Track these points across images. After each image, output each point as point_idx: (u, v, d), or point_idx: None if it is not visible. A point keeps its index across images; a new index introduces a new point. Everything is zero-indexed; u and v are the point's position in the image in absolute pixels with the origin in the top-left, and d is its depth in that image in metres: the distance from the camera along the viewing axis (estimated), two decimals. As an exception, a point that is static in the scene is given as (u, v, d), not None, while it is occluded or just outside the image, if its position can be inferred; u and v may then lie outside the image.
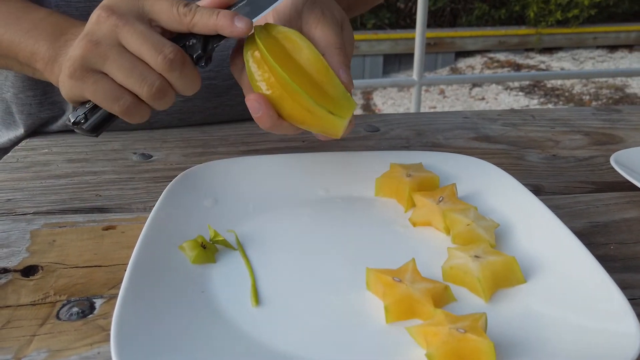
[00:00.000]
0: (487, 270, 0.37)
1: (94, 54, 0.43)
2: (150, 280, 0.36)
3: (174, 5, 0.43)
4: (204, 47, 0.44)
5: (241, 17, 0.43)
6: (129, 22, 0.43)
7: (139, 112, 0.45)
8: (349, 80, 0.44)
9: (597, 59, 5.17)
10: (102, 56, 0.43)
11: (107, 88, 0.43)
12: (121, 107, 0.44)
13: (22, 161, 0.59)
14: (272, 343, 0.33)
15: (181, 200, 0.46)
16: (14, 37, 0.52)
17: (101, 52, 0.43)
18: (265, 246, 0.42)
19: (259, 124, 0.44)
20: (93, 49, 0.43)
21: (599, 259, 0.37)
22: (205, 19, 0.43)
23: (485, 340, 0.30)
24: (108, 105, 0.44)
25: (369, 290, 0.37)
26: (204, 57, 0.45)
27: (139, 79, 0.43)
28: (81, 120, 0.45)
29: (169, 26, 0.44)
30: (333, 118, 0.42)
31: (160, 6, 0.43)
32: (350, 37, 0.49)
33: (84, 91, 0.44)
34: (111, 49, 0.43)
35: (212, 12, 0.43)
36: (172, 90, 0.44)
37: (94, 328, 0.35)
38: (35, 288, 0.39)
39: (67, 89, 0.45)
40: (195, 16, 0.43)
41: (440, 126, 0.69)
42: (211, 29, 0.43)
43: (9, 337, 0.34)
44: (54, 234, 0.45)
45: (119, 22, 0.42)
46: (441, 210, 0.44)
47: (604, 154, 0.62)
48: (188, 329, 0.33)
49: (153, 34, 0.43)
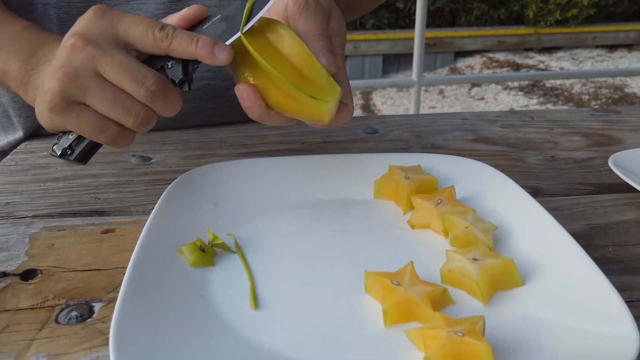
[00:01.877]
0: (486, 273, 0.37)
1: (73, 86, 0.41)
2: (149, 284, 0.36)
3: (149, 30, 0.42)
4: (184, 70, 0.43)
5: (221, 45, 0.42)
6: (106, 51, 0.41)
7: (125, 139, 0.44)
8: (331, 62, 0.43)
9: (596, 58, 5.17)
10: (82, 88, 0.41)
11: (91, 120, 0.42)
12: (107, 137, 0.43)
13: (21, 164, 0.59)
14: (271, 346, 0.33)
15: (180, 203, 0.46)
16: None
17: (80, 85, 0.41)
18: (264, 249, 0.42)
19: (248, 113, 0.44)
20: (71, 82, 0.41)
21: (597, 261, 0.37)
22: (183, 46, 0.41)
23: (484, 343, 0.30)
24: (94, 137, 0.43)
25: (367, 293, 0.37)
26: (186, 82, 0.43)
27: (123, 111, 0.42)
28: (67, 152, 0.44)
29: (146, 50, 0.43)
30: (316, 103, 0.42)
31: (135, 31, 0.42)
32: (338, 26, 0.48)
33: (67, 124, 0.43)
34: (90, 81, 0.41)
35: (190, 39, 0.41)
36: (155, 116, 0.44)
37: (93, 332, 0.35)
38: (34, 292, 0.39)
39: (48, 121, 0.44)
40: (173, 42, 0.41)
41: (439, 128, 0.70)
42: (190, 57, 0.42)
43: (8, 342, 0.34)
44: (53, 238, 0.45)
45: (96, 52, 0.41)
46: (440, 212, 0.44)
47: (602, 156, 0.62)
48: (187, 333, 0.33)
49: (132, 64, 0.41)
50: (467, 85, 4.47)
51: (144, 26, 0.42)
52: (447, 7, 5.42)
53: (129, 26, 0.42)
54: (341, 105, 0.45)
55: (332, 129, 0.68)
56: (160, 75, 0.42)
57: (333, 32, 0.47)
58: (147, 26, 0.42)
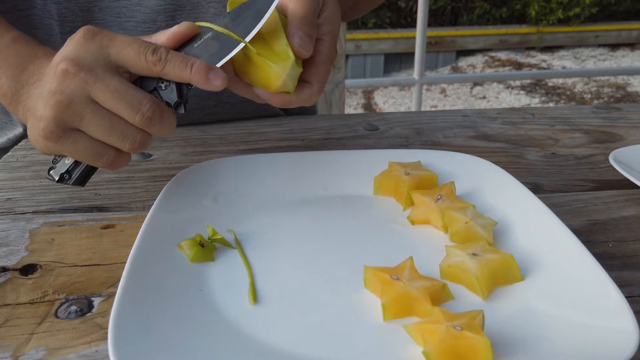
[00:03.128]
0: (485, 268, 0.37)
1: (68, 114, 0.40)
2: (149, 279, 0.36)
3: (141, 53, 0.41)
4: (179, 92, 0.42)
5: (216, 71, 0.41)
6: (99, 77, 0.40)
7: (122, 161, 0.44)
8: (303, 45, 0.43)
9: (598, 57, 5.16)
10: (76, 115, 0.40)
11: (88, 147, 0.42)
12: (105, 162, 0.43)
13: (21, 160, 0.59)
14: (270, 341, 0.33)
15: (180, 199, 0.46)
16: None
17: (75, 112, 0.40)
18: (264, 244, 0.42)
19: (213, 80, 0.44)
20: (65, 109, 0.40)
21: (598, 257, 0.37)
22: (177, 71, 0.41)
23: (483, 338, 0.30)
24: (91, 162, 0.43)
25: (366, 288, 0.37)
26: (182, 104, 0.42)
27: (120, 136, 0.41)
28: (65, 176, 0.44)
29: (138, 73, 0.42)
30: (264, 63, 0.42)
31: (126, 54, 0.41)
32: (331, 15, 0.47)
33: (63, 151, 0.43)
34: (85, 108, 0.40)
35: (184, 63, 0.41)
36: (151, 137, 0.43)
37: (92, 326, 0.35)
38: (34, 287, 0.39)
39: (43, 147, 0.43)
40: (167, 66, 0.41)
41: (439, 125, 0.69)
42: (184, 81, 0.41)
43: (8, 336, 0.34)
44: (53, 233, 0.45)
45: (89, 78, 0.40)
46: (439, 208, 0.44)
47: (603, 152, 0.61)
48: (186, 327, 0.33)
49: (127, 90, 0.40)
50: (469, 84, 4.47)
51: (135, 49, 0.41)
52: (449, 6, 5.42)
53: (121, 49, 0.41)
54: (304, 83, 0.45)
55: (331, 127, 0.68)
56: (156, 99, 0.41)
57: (324, 21, 0.46)
58: (138, 49, 0.41)
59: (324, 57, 0.46)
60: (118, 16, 0.63)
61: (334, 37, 0.47)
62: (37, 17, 0.62)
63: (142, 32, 0.64)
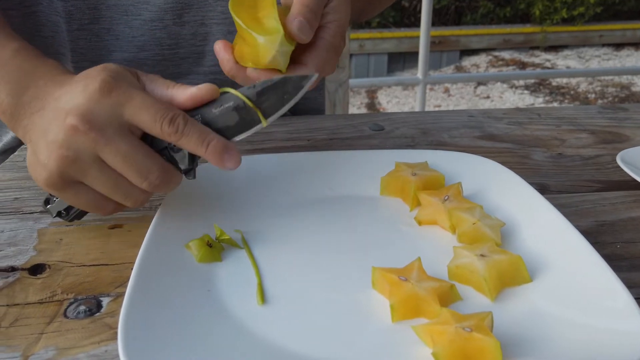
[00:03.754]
0: (493, 269, 0.37)
1: (72, 169, 0.40)
2: (157, 279, 0.36)
3: (158, 121, 0.39)
4: (190, 159, 0.41)
5: (232, 154, 0.40)
6: (110, 139, 0.39)
7: (121, 210, 0.44)
8: (302, 29, 0.42)
9: (602, 57, 5.14)
10: (81, 171, 0.40)
11: (90, 199, 0.42)
12: (105, 212, 0.43)
13: (28, 160, 0.59)
14: (278, 341, 0.33)
15: (187, 199, 0.46)
16: None
17: (80, 168, 0.40)
18: (271, 245, 0.42)
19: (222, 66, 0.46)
20: (71, 165, 0.39)
21: (606, 258, 0.37)
22: (192, 146, 0.40)
23: (492, 339, 0.30)
24: (91, 211, 0.43)
25: (374, 289, 0.37)
26: (192, 170, 0.42)
27: (123, 195, 0.41)
28: (62, 213, 0.44)
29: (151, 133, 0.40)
30: (253, 38, 0.42)
31: (142, 118, 0.39)
32: (339, 5, 0.47)
33: (64, 199, 0.43)
34: (91, 166, 0.39)
35: (201, 140, 0.40)
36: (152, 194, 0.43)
37: (101, 326, 0.35)
38: (43, 286, 0.39)
39: (42, 186, 0.42)
40: (182, 139, 0.39)
41: (445, 125, 0.69)
42: (198, 154, 0.41)
43: (17, 335, 0.34)
44: (60, 233, 0.45)
45: (100, 139, 0.38)
46: (447, 209, 0.44)
47: (610, 153, 0.61)
48: (194, 327, 0.33)
49: (136, 155, 0.39)
50: (473, 84, 4.46)
51: (151, 115, 0.39)
52: (453, 6, 5.41)
53: (136, 111, 0.39)
54: (299, 65, 0.44)
55: (337, 127, 0.68)
56: (165, 165, 0.40)
57: (330, 10, 0.46)
58: (155, 116, 0.39)
59: (325, 43, 0.45)
60: (125, 14, 0.63)
61: (340, 26, 0.46)
62: (43, 14, 0.62)
63: (149, 30, 0.64)
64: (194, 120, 0.40)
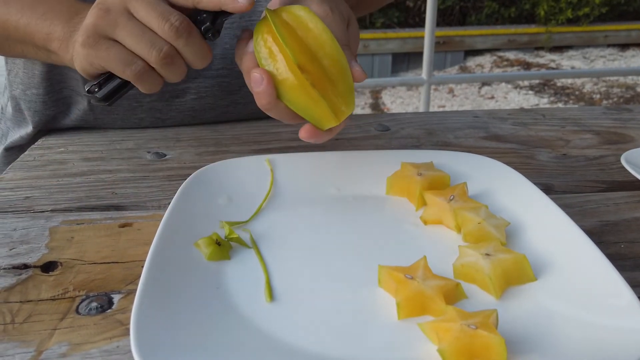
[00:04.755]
0: (498, 268, 0.37)
1: (105, 21, 0.45)
2: (167, 276, 0.37)
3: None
4: (212, 21, 0.46)
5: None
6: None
7: (151, 79, 0.47)
8: (362, 71, 0.45)
9: (607, 57, 5.13)
10: (112, 23, 0.45)
11: (118, 53, 0.45)
12: (133, 71, 0.46)
13: (38, 160, 0.60)
14: (286, 338, 0.34)
15: (196, 198, 0.47)
16: (29, 21, 0.54)
17: (111, 20, 0.45)
18: (279, 243, 0.43)
19: (257, 99, 0.44)
20: (104, 16, 0.45)
21: (610, 258, 0.37)
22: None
23: (497, 336, 0.31)
24: (120, 70, 0.46)
25: (380, 287, 0.38)
26: (211, 30, 0.46)
27: (148, 44, 0.45)
28: (95, 89, 0.47)
29: (176, 2, 0.46)
30: (328, 113, 0.44)
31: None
32: (355, 33, 0.50)
33: (97, 58, 0.46)
34: (121, 16, 0.45)
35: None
36: (180, 59, 0.46)
37: (113, 322, 0.36)
38: (55, 283, 0.40)
39: (81, 58, 0.47)
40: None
41: (450, 125, 0.70)
42: (215, 5, 0.45)
43: (31, 331, 0.35)
44: (72, 231, 0.46)
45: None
46: (452, 208, 0.44)
47: (614, 153, 0.62)
48: (204, 323, 0.34)
49: (160, 3, 0.45)
50: (477, 84, 4.45)
51: None
52: (457, 6, 5.40)
53: None
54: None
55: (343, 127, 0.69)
56: (186, 17, 0.45)
57: (351, 38, 0.47)
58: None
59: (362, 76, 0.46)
60: None
61: (355, 52, 0.49)
62: None
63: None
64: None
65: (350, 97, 0.44)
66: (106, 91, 0.47)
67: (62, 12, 0.53)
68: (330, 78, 0.43)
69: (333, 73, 0.43)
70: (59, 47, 0.52)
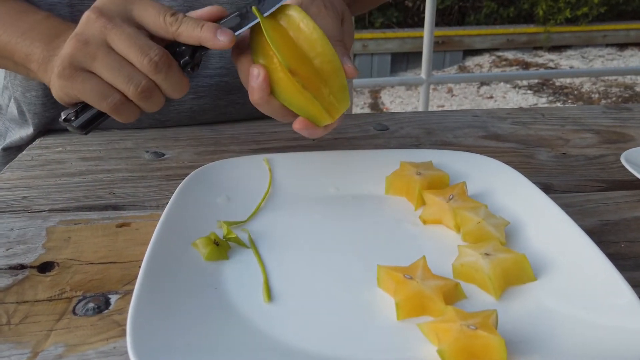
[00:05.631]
0: (498, 268, 0.37)
1: (83, 53, 0.44)
2: (165, 277, 0.37)
3: (161, 14, 0.44)
4: (191, 54, 0.46)
5: (224, 30, 0.44)
6: (117, 24, 0.44)
7: (128, 111, 0.46)
8: (353, 68, 0.45)
9: (606, 57, 5.13)
10: (90, 55, 0.44)
11: (95, 86, 0.45)
12: (109, 104, 0.45)
13: (36, 159, 0.60)
14: (284, 338, 0.33)
15: (194, 198, 0.46)
16: (10, 38, 0.54)
17: (89, 52, 0.44)
18: (277, 243, 0.43)
19: (251, 93, 0.45)
20: (82, 48, 0.44)
21: (610, 257, 0.37)
22: (189, 30, 0.44)
23: (497, 336, 0.30)
24: (96, 103, 0.45)
25: (380, 287, 0.38)
26: (190, 64, 0.46)
27: (126, 78, 0.44)
28: (71, 117, 0.47)
29: (155, 33, 0.45)
30: (321, 111, 0.44)
31: (148, 12, 0.45)
32: (350, 29, 0.49)
33: (73, 90, 0.45)
34: (99, 49, 0.44)
35: (196, 24, 0.44)
36: (159, 92, 0.46)
37: (110, 323, 0.36)
38: (52, 284, 0.39)
39: (57, 88, 0.46)
40: (181, 26, 0.44)
41: (449, 125, 0.70)
42: (195, 40, 0.44)
43: (27, 332, 0.35)
44: (69, 231, 0.46)
45: (108, 24, 0.44)
46: (451, 208, 0.44)
47: (614, 153, 0.61)
48: (201, 324, 0.34)
49: (140, 37, 0.44)
50: (476, 84, 4.45)
51: (157, 9, 0.45)
52: (456, 6, 5.40)
53: (143, 8, 0.45)
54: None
55: (341, 126, 0.68)
56: (166, 50, 0.44)
57: (345, 34, 0.47)
58: (160, 10, 0.45)
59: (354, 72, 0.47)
60: None
61: (349, 47, 0.49)
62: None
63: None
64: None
65: (344, 94, 0.44)
66: (82, 121, 0.47)
67: (43, 33, 0.52)
68: (323, 77, 0.44)
69: (325, 72, 0.43)
70: (38, 68, 0.52)
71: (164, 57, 0.44)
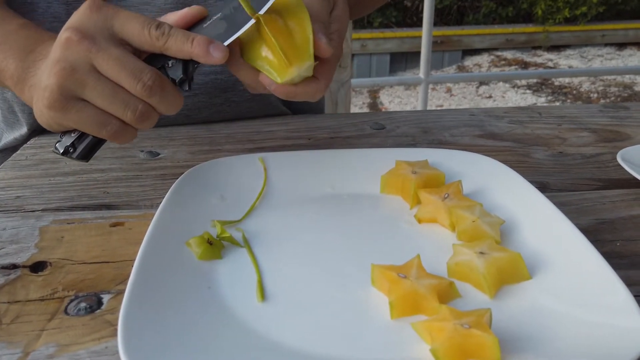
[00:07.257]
0: (492, 267, 0.37)
1: (71, 81, 0.41)
2: (157, 276, 0.37)
3: (145, 27, 0.41)
4: (184, 69, 0.43)
5: (217, 45, 0.41)
6: (102, 47, 0.41)
7: (127, 134, 0.44)
8: (326, 44, 0.43)
9: (605, 56, 5.13)
10: (79, 83, 0.41)
11: (91, 116, 0.42)
12: (109, 132, 0.43)
13: (30, 159, 0.59)
14: (278, 338, 0.33)
15: (188, 197, 0.46)
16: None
17: (78, 79, 0.41)
18: (271, 242, 0.43)
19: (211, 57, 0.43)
20: (69, 77, 0.41)
21: (606, 256, 0.37)
22: (179, 44, 0.41)
23: (490, 335, 0.30)
24: (95, 132, 0.43)
25: (374, 286, 0.37)
26: (186, 81, 0.43)
27: (122, 105, 0.42)
28: (70, 149, 0.45)
29: (141, 48, 0.42)
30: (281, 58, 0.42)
31: (130, 27, 0.41)
32: (342, 15, 0.48)
33: (68, 121, 0.43)
34: (88, 76, 0.41)
35: (186, 37, 0.41)
36: (155, 112, 0.43)
37: (102, 323, 0.35)
38: (44, 284, 0.39)
39: (47, 119, 0.43)
40: (169, 41, 0.41)
41: (446, 124, 0.69)
42: (186, 55, 0.42)
43: (19, 332, 0.34)
44: (62, 231, 0.45)
45: (92, 47, 0.40)
46: (447, 207, 0.44)
47: (610, 151, 0.61)
48: (194, 324, 0.34)
49: (129, 59, 0.41)
50: (475, 84, 4.45)
51: (140, 23, 0.41)
52: (455, 5, 5.40)
53: (125, 22, 0.41)
54: (311, 78, 0.44)
55: (337, 125, 0.68)
56: (158, 71, 0.42)
57: (333, 20, 0.47)
58: (143, 23, 0.41)
59: (334, 57, 0.46)
60: None
61: (342, 36, 0.47)
62: (40, 20, 0.62)
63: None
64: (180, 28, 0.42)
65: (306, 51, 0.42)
66: (83, 151, 0.45)
67: (17, 45, 0.49)
68: (289, 29, 0.42)
69: (292, 27, 0.42)
70: (14, 86, 0.49)
71: (157, 80, 0.41)
